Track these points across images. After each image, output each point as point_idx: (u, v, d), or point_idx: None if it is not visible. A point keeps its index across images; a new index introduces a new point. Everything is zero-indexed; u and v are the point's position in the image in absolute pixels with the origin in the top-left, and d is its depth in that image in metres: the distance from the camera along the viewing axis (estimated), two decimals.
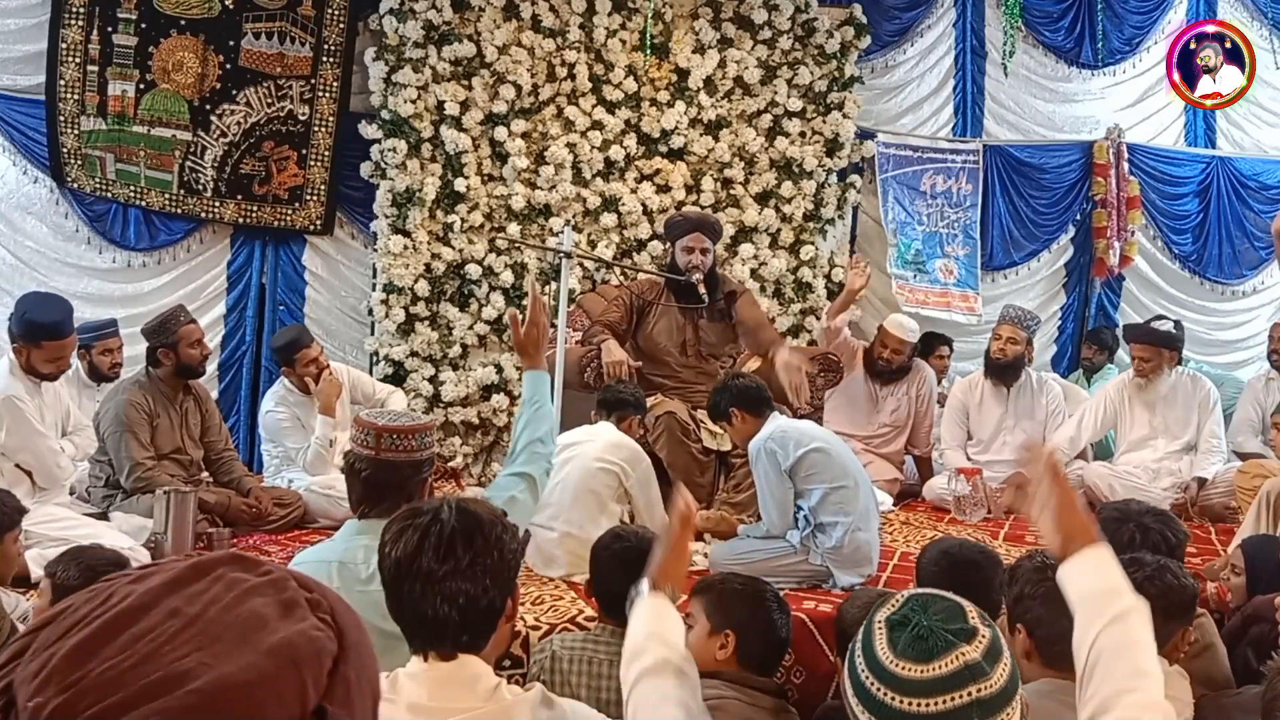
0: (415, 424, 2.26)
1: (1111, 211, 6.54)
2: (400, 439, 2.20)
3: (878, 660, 1.19)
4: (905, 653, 1.17)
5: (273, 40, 5.50)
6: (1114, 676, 1.34)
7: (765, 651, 2.24)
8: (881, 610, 1.25)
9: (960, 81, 6.51)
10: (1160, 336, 4.88)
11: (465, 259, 5.54)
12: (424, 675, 1.48)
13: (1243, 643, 2.68)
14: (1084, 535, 1.51)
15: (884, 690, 1.17)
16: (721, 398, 3.54)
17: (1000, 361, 5.06)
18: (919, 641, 1.17)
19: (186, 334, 4.09)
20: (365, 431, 2.23)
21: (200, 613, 0.64)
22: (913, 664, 1.16)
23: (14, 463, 3.64)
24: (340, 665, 0.67)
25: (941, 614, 1.20)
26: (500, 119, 5.56)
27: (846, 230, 6.24)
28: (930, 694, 1.15)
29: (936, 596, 1.24)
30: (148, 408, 3.99)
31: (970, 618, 1.20)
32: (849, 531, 3.26)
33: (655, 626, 1.59)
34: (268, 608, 0.65)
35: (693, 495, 4.00)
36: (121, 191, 5.37)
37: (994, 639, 1.19)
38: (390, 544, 1.52)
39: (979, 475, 4.72)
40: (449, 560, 1.48)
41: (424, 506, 1.56)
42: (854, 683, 1.22)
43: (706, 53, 5.81)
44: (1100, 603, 1.43)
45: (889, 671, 1.17)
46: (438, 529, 1.50)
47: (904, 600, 1.24)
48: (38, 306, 3.70)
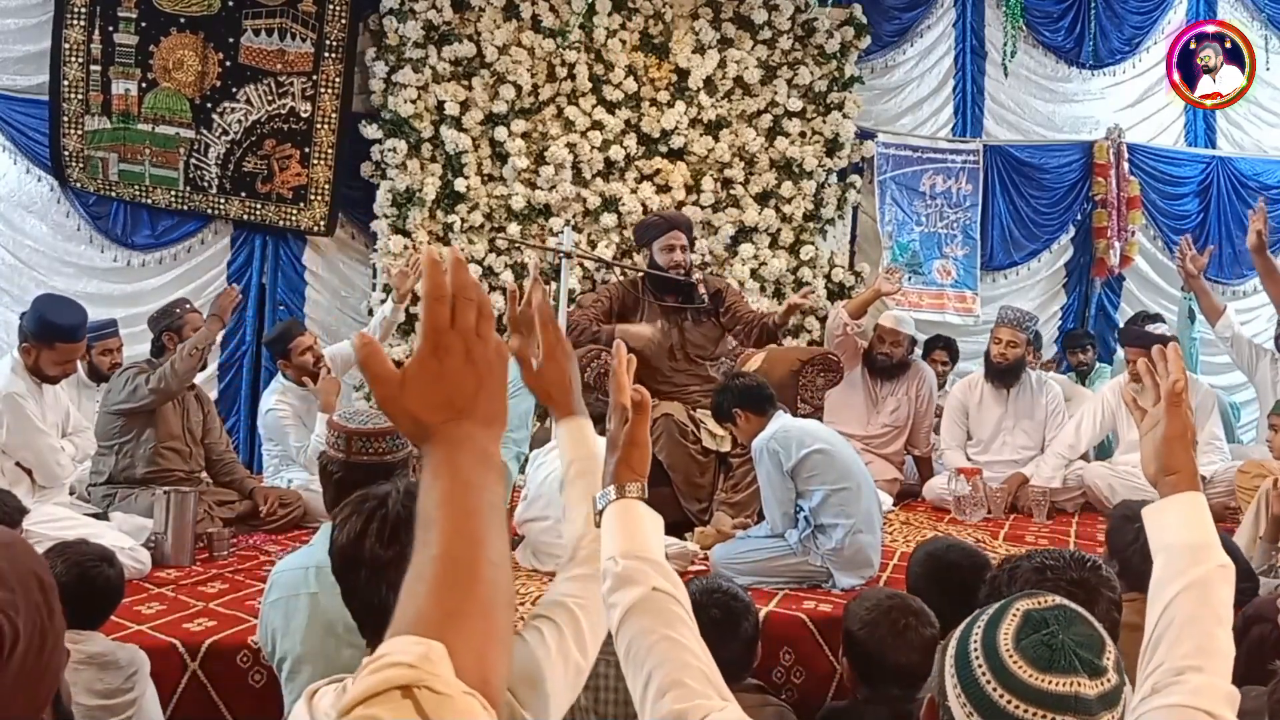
0: (386, 427, 2.19)
1: (1111, 211, 6.54)
2: (371, 442, 2.16)
3: (996, 644, 1.13)
4: (1027, 652, 1.11)
5: (273, 37, 5.50)
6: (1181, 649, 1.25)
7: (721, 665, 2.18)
8: (1025, 600, 1.18)
9: (960, 81, 6.51)
10: (1154, 341, 4.85)
11: (465, 259, 5.52)
12: None
13: (1243, 644, 2.67)
14: (1185, 475, 1.41)
15: (985, 671, 1.13)
16: (725, 398, 3.54)
17: (1001, 365, 5.06)
18: (1046, 650, 1.11)
19: (191, 320, 4.13)
20: (337, 434, 2.20)
21: None
22: (1028, 666, 1.11)
23: (14, 461, 3.64)
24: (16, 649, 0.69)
25: (1081, 638, 1.13)
26: (500, 119, 5.56)
27: (846, 230, 6.24)
28: (1027, 700, 1.10)
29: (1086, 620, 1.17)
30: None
31: (1106, 657, 1.13)
32: (850, 533, 3.26)
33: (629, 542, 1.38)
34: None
35: (692, 495, 4.06)
36: (125, 191, 5.37)
37: (1116, 688, 1.12)
38: (337, 529, 1.48)
39: (979, 475, 4.72)
40: (393, 546, 1.42)
41: (372, 492, 1.51)
42: (960, 648, 1.17)
43: (706, 53, 5.81)
44: (1187, 558, 1.33)
45: (1001, 659, 1.12)
46: (383, 514, 1.46)
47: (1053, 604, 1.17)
48: (55, 308, 3.69)
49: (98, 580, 2.32)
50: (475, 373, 0.82)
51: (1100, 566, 1.96)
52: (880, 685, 2.13)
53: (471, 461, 0.80)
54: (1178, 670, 1.24)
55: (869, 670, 2.13)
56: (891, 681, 2.10)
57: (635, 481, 1.42)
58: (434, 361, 0.81)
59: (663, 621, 1.31)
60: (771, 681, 2.92)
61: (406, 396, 0.81)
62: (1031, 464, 4.97)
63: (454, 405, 0.81)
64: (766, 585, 3.29)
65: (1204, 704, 1.21)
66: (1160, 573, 1.34)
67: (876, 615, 2.12)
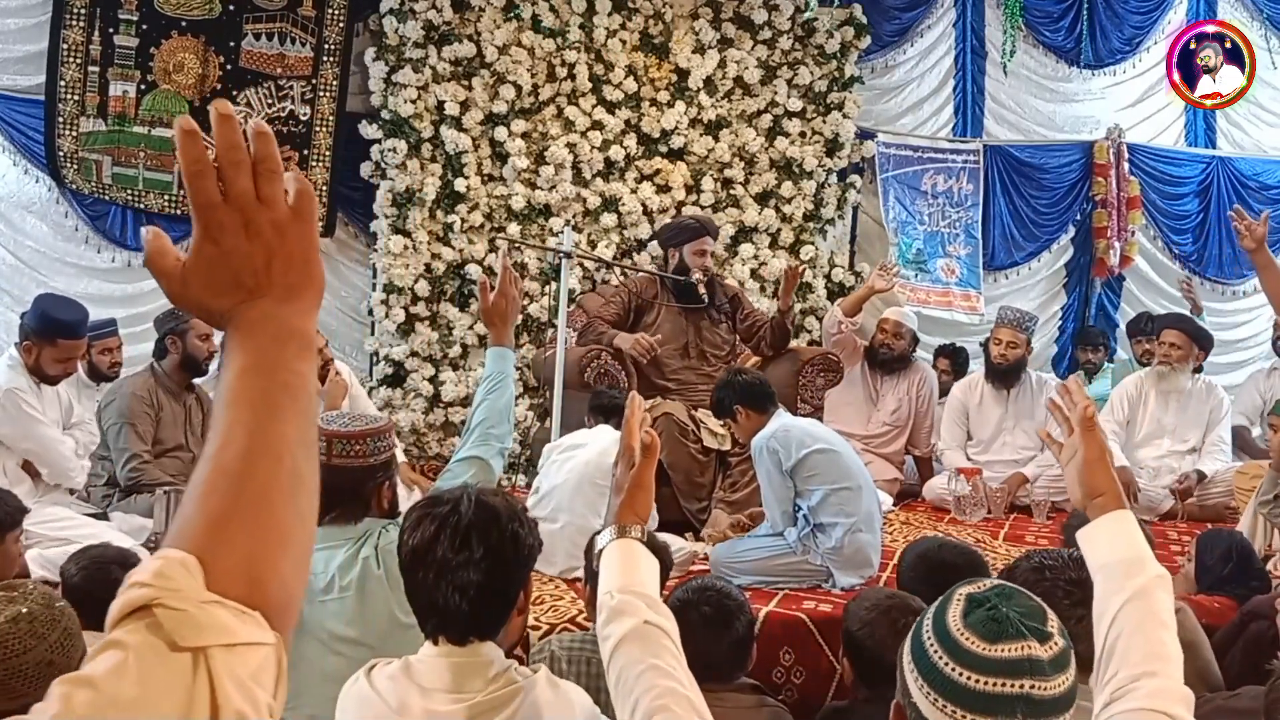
0: (367, 428, 2.17)
1: (1112, 211, 6.54)
2: (351, 444, 2.13)
3: (946, 626, 1.18)
4: (975, 627, 1.17)
5: (273, 41, 5.51)
6: (1133, 658, 1.30)
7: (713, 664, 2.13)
8: (966, 587, 1.24)
9: (960, 81, 6.51)
10: (1196, 329, 4.93)
11: (465, 259, 5.54)
12: (435, 660, 1.51)
13: (1240, 639, 2.68)
14: (1111, 496, 1.46)
15: (941, 654, 1.17)
16: (726, 395, 3.55)
17: (1002, 366, 5.06)
18: (992, 623, 1.16)
19: (197, 324, 4.10)
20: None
21: None
22: (979, 640, 1.16)
23: (18, 460, 3.64)
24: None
25: (1024, 609, 1.19)
26: (500, 119, 5.56)
27: (846, 230, 6.24)
28: (985, 671, 1.14)
29: (1026, 595, 1.23)
30: (151, 400, 4.00)
31: (1050, 623, 1.19)
32: (849, 532, 3.26)
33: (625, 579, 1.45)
34: None
35: (692, 495, 4.07)
36: (119, 194, 5.37)
37: (1065, 651, 1.18)
38: (409, 531, 1.55)
39: (979, 475, 4.73)
40: (463, 551, 1.51)
41: (445, 496, 1.59)
42: (914, 641, 1.22)
43: (706, 53, 5.81)
44: (1122, 573, 1.38)
45: (953, 639, 1.17)
46: (455, 519, 1.53)
47: (992, 585, 1.23)
48: (58, 305, 3.71)
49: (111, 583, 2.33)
50: (263, 244, 0.73)
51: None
52: (880, 685, 2.12)
53: (266, 343, 0.72)
54: (1133, 678, 1.28)
55: (869, 670, 2.13)
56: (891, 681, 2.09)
57: (637, 524, 1.51)
58: (209, 244, 0.72)
59: (651, 651, 1.36)
60: (771, 681, 2.93)
61: (190, 288, 0.72)
62: (1032, 464, 4.97)
63: (243, 285, 0.72)
64: (766, 585, 3.29)
65: (1161, 705, 1.25)
66: (1101, 590, 1.39)
67: (876, 615, 2.12)
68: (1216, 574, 3.08)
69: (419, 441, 5.45)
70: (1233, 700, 2.21)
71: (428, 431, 5.49)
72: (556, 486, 3.45)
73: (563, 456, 3.52)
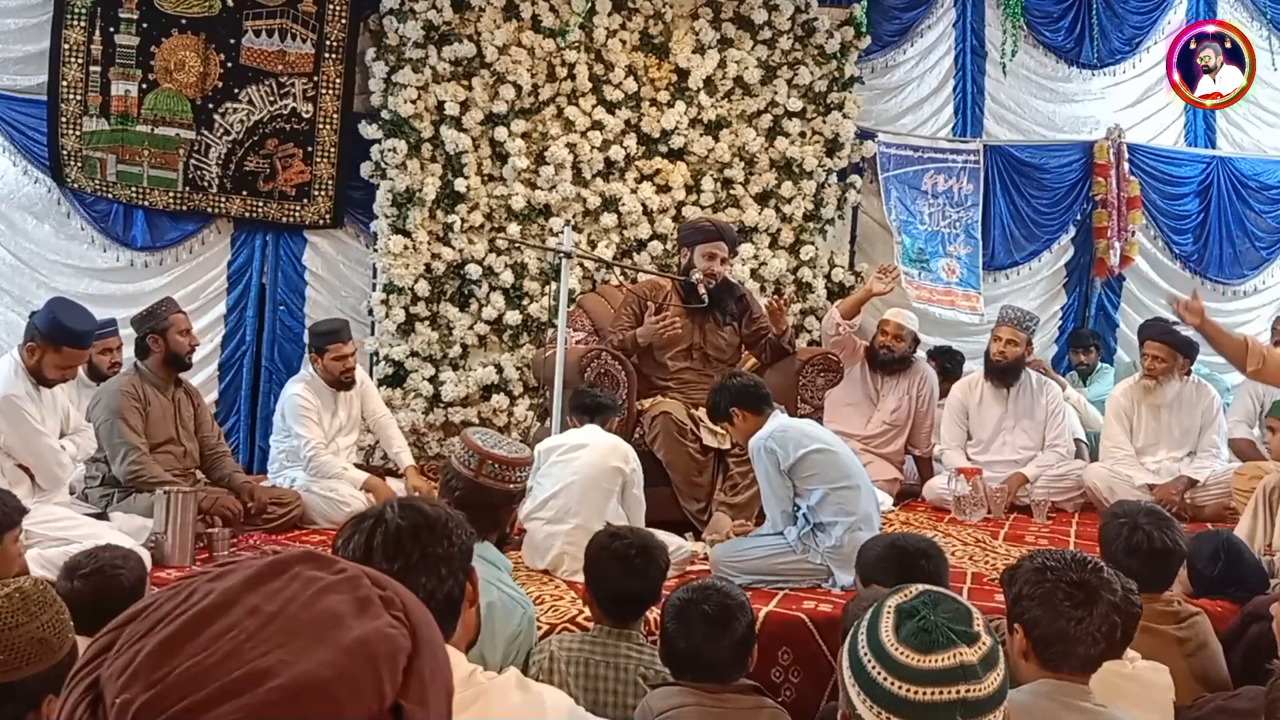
0: (519, 457, 2.29)
1: (1112, 211, 6.54)
2: (501, 468, 2.25)
3: (880, 641, 1.24)
4: (907, 640, 1.22)
5: (274, 38, 5.51)
6: None
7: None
8: (894, 598, 1.29)
9: (960, 81, 6.51)
10: (1179, 340, 4.88)
11: (465, 259, 5.54)
12: None
13: (1242, 641, 2.68)
14: None
15: (879, 669, 1.22)
16: (721, 397, 3.54)
17: (1001, 364, 5.06)
18: (923, 634, 1.22)
19: (176, 321, 4.14)
20: (469, 452, 2.26)
21: (279, 610, 0.65)
22: (912, 652, 1.21)
23: (14, 462, 3.64)
24: (415, 662, 0.67)
25: (950, 614, 1.24)
26: (500, 119, 5.56)
27: (846, 230, 6.24)
28: (921, 683, 1.20)
29: (949, 597, 1.28)
30: (138, 395, 4.02)
31: (975, 624, 1.25)
32: (849, 531, 3.26)
33: None
34: (343, 605, 0.67)
35: (691, 495, 4.07)
36: (123, 192, 5.38)
37: (992, 649, 1.24)
38: (340, 550, 1.52)
39: (979, 475, 4.73)
40: (399, 558, 1.49)
41: (368, 511, 1.57)
42: (851, 656, 1.27)
43: (706, 53, 5.81)
44: None
45: (888, 654, 1.22)
46: (383, 529, 1.51)
47: (917, 593, 1.28)
48: (69, 311, 3.69)
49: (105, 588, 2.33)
50: None
51: (1102, 569, 1.96)
52: None
53: None
54: None
55: None
56: None
57: None
58: None
59: None
60: (770, 681, 2.93)
61: None
62: (1032, 464, 4.97)
63: None
64: (766, 585, 3.29)
65: None
66: None
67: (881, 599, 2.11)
68: (1208, 575, 3.09)
69: (419, 442, 5.45)
70: (1233, 700, 2.22)
71: (428, 431, 5.49)
72: (564, 488, 3.45)
73: (565, 458, 3.52)
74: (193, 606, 0.65)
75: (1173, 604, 2.59)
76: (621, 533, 2.54)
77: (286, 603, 0.65)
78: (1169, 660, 2.25)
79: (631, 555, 2.38)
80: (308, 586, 0.67)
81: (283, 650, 0.62)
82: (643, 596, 2.42)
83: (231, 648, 0.62)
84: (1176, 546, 2.58)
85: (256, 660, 0.62)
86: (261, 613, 0.64)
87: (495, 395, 5.51)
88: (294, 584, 0.67)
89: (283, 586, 0.66)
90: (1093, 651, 1.80)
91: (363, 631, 0.65)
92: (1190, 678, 2.37)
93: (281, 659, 0.62)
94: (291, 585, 0.67)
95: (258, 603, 0.65)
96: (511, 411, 5.53)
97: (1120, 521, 2.60)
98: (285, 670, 0.61)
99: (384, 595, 0.70)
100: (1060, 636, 1.79)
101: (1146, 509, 2.67)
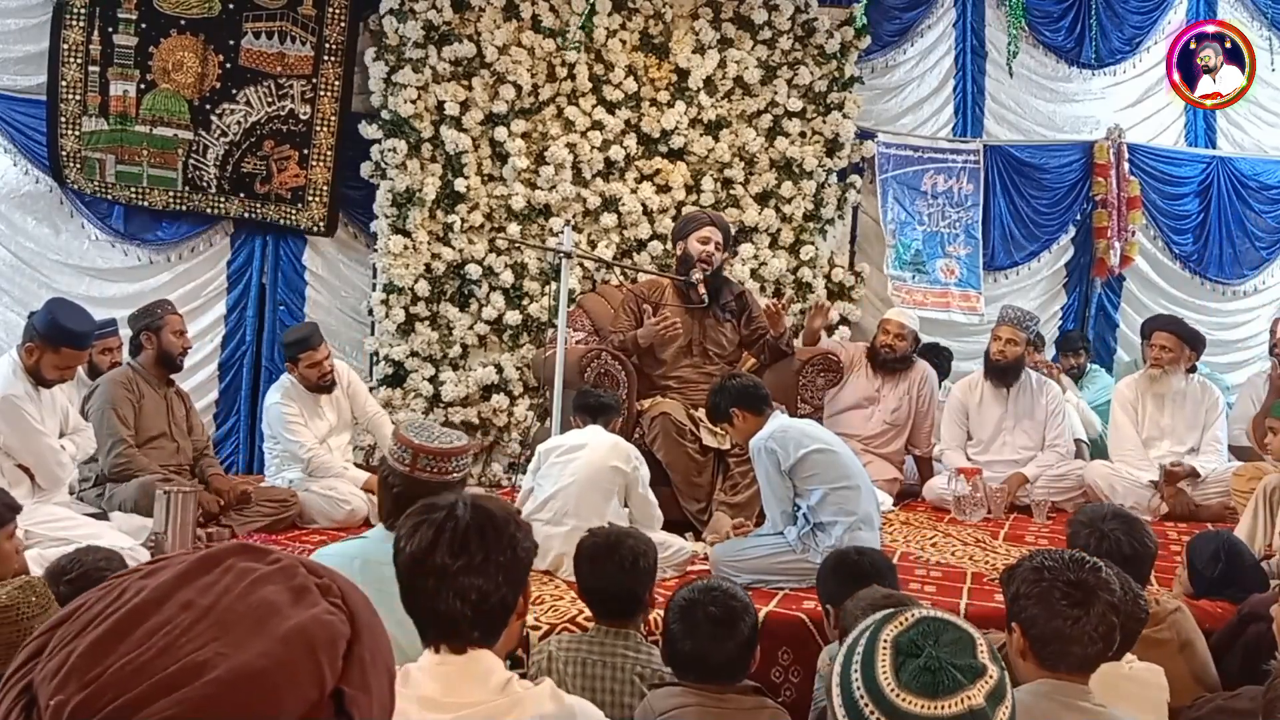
0: (452, 447, 2.28)
1: (1112, 211, 6.54)
2: (435, 460, 2.24)
3: (878, 685, 1.14)
4: (910, 685, 1.12)
5: (273, 40, 5.51)
6: None
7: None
8: (887, 628, 1.19)
9: (960, 81, 6.51)
10: (1187, 331, 4.93)
11: (465, 259, 5.54)
12: (435, 669, 1.50)
13: (1240, 641, 2.68)
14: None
15: (878, 716, 1.14)
16: (721, 399, 3.54)
17: (1001, 363, 5.07)
18: (926, 674, 1.12)
19: (171, 321, 4.22)
20: (403, 448, 2.26)
21: (213, 604, 0.64)
22: (915, 698, 1.12)
23: (14, 462, 3.64)
24: (354, 647, 0.67)
25: (951, 645, 1.15)
26: (500, 119, 5.56)
27: (846, 230, 6.24)
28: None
29: (948, 624, 1.18)
30: (132, 388, 4.08)
31: (980, 653, 1.16)
32: (849, 530, 3.26)
33: None
34: (279, 595, 0.66)
35: (691, 495, 4.07)
36: (123, 193, 5.37)
37: (1000, 679, 1.15)
38: (405, 539, 1.54)
39: (979, 475, 4.73)
40: (463, 556, 1.49)
41: (439, 502, 1.57)
42: (846, 698, 1.18)
43: (706, 53, 5.81)
44: None
45: (889, 701, 1.13)
46: (453, 525, 1.51)
47: (913, 622, 1.18)
48: (68, 313, 3.70)
49: None
50: None
51: (1100, 568, 1.96)
52: None
53: None
54: None
55: None
56: None
57: None
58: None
59: None
60: (770, 681, 2.93)
61: None
62: (1032, 464, 4.97)
63: None
64: (767, 584, 3.29)
65: None
66: None
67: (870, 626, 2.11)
68: (1208, 576, 3.09)
69: None
70: (1232, 700, 2.21)
71: None
72: (562, 489, 3.45)
73: (563, 459, 3.52)
74: (125, 605, 0.64)
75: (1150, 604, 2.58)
76: (597, 531, 2.54)
77: (221, 595, 0.65)
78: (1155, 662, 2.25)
79: (601, 551, 2.38)
80: (242, 578, 0.66)
81: (219, 643, 0.62)
82: (619, 593, 2.37)
83: (166, 643, 0.61)
84: (1145, 548, 2.56)
85: (192, 654, 0.61)
86: (196, 607, 0.64)
87: (495, 395, 5.51)
88: (227, 576, 0.66)
89: (216, 580, 0.66)
90: (1089, 651, 1.80)
91: (300, 620, 0.65)
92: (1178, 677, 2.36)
93: (218, 652, 0.61)
94: (225, 578, 0.66)
95: (191, 597, 0.64)
96: (511, 411, 5.53)
97: (1087, 530, 2.58)
98: (222, 663, 0.61)
99: (320, 583, 0.69)
100: (1056, 635, 1.79)
101: (1112, 513, 2.65)
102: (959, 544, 4.12)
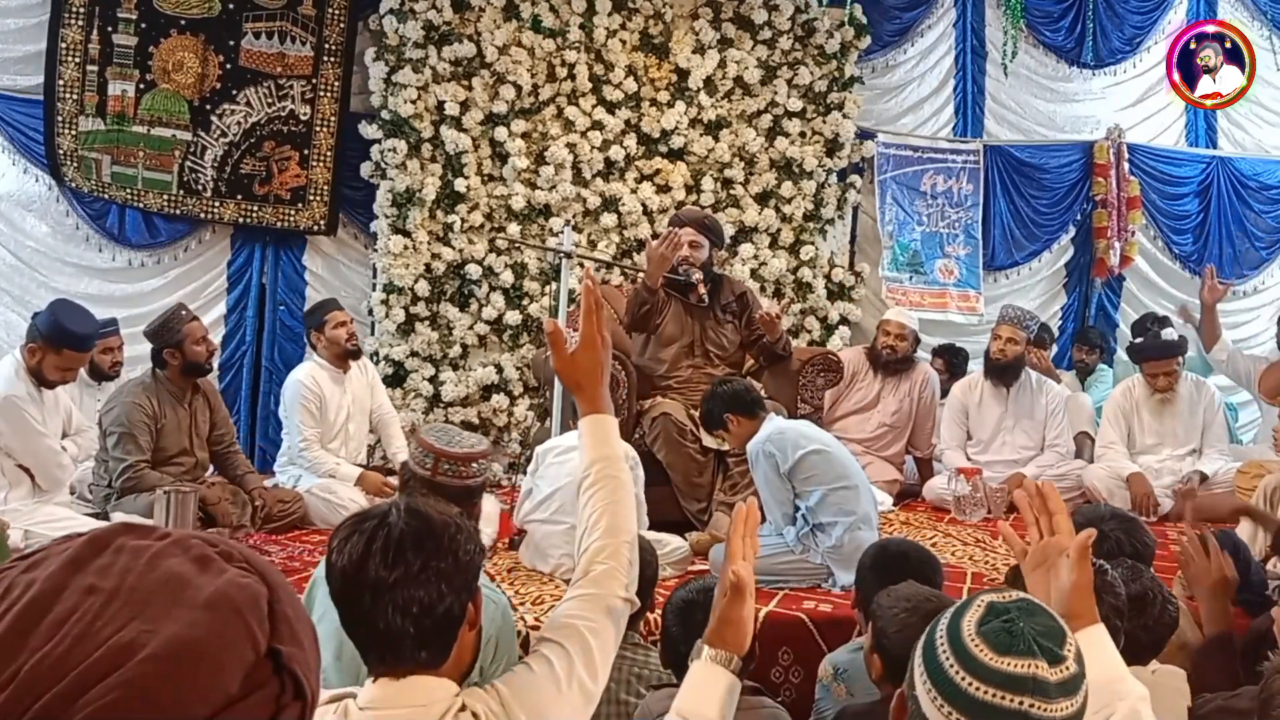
0: (473, 451, 2.29)
1: (1112, 211, 6.54)
2: (457, 465, 2.25)
3: (959, 630, 1.19)
4: (986, 636, 1.16)
5: (273, 40, 5.50)
6: None
7: None
8: (991, 594, 1.24)
9: (960, 81, 6.51)
10: (1174, 348, 4.88)
11: (465, 259, 5.54)
12: (374, 699, 1.36)
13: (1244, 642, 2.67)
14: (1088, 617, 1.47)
15: (949, 656, 1.18)
16: (714, 405, 3.54)
17: (1000, 362, 5.07)
18: (1006, 634, 1.16)
19: (191, 331, 4.06)
20: (424, 453, 2.26)
21: (119, 584, 0.62)
22: (988, 649, 1.16)
23: (15, 463, 3.64)
24: (276, 606, 0.66)
25: (1042, 627, 1.17)
26: (500, 119, 5.56)
27: (846, 230, 6.24)
28: (986, 681, 1.14)
29: (1048, 613, 1.22)
30: (152, 410, 3.95)
31: (1067, 645, 1.18)
32: (849, 530, 3.26)
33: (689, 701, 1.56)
34: (183, 566, 0.64)
35: (691, 495, 4.06)
36: (118, 194, 5.37)
37: (1075, 677, 1.16)
38: (336, 553, 1.39)
39: (979, 475, 4.72)
40: (399, 566, 1.35)
41: (372, 511, 1.44)
42: (927, 640, 1.23)
43: (706, 53, 5.81)
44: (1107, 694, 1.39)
45: (962, 644, 1.17)
46: (385, 533, 1.37)
47: (1017, 598, 1.22)
48: (71, 314, 3.69)
49: None
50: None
51: (1106, 570, 1.95)
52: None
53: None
54: None
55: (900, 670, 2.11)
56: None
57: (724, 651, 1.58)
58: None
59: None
60: (770, 681, 2.93)
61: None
62: (1032, 464, 4.97)
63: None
64: (766, 585, 3.29)
65: None
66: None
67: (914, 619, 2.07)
68: None
69: None
70: (1232, 700, 2.21)
71: None
72: (560, 489, 3.44)
73: (561, 459, 3.51)
74: (18, 601, 0.61)
75: None
76: None
77: (124, 575, 0.62)
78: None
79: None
80: (139, 555, 0.64)
81: (139, 621, 0.60)
82: None
83: (80, 631, 0.59)
84: (1145, 548, 2.57)
85: (114, 637, 0.59)
86: (100, 590, 0.61)
87: (495, 395, 5.51)
88: (123, 556, 0.64)
89: (111, 561, 0.64)
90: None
91: (216, 586, 0.63)
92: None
93: (142, 630, 0.59)
94: (120, 558, 0.64)
95: (92, 581, 0.62)
96: (511, 412, 5.53)
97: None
98: (150, 639, 0.59)
99: (220, 550, 0.67)
100: None
101: (1111, 514, 2.66)
102: (959, 544, 4.12)
